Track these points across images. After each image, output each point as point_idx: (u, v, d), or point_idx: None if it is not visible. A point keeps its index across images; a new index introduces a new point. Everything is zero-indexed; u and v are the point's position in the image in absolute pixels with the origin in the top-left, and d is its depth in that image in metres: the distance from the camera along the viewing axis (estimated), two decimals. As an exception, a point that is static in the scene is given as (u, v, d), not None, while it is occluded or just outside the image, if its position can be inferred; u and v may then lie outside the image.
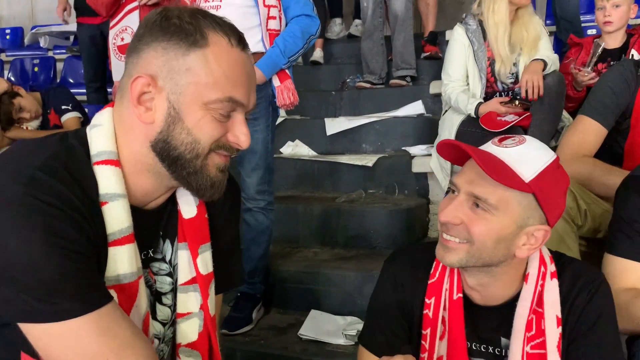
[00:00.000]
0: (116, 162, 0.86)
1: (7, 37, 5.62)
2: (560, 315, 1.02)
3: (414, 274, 1.13)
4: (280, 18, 2.12)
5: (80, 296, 0.77)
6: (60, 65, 5.01)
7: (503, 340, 1.07)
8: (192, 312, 1.00)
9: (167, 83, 0.84)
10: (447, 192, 1.05)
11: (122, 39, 2.84)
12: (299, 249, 2.64)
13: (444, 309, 1.08)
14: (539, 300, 1.03)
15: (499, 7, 2.47)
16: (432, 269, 1.11)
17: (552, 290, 1.03)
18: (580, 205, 1.46)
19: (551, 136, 2.40)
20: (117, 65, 2.89)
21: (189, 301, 0.99)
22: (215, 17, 0.87)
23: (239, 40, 0.88)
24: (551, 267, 1.05)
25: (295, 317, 2.26)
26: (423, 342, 1.09)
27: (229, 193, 0.97)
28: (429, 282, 1.10)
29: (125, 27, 2.83)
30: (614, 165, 1.57)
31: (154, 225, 0.97)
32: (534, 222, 0.99)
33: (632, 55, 2.55)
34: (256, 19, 2.07)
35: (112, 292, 0.85)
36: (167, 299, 1.00)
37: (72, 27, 4.60)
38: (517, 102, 2.43)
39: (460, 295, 1.06)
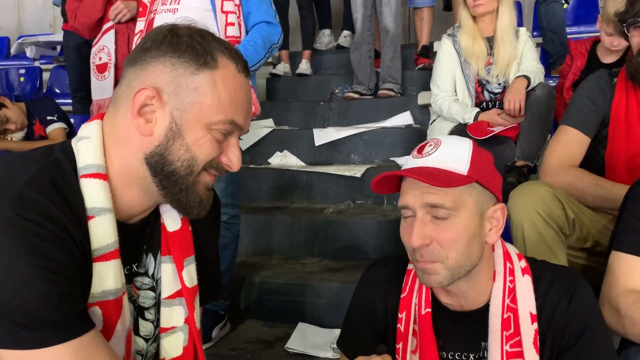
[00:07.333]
0: (104, 176, 0.85)
1: (-6, 47, 5.59)
2: (534, 312, 1.03)
3: (388, 287, 1.15)
4: (239, 25, 2.06)
5: (62, 323, 0.75)
6: (46, 76, 4.98)
7: (483, 344, 1.07)
8: (177, 327, 0.98)
9: (172, 98, 0.85)
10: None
11: (100, 59, 2.71)
12: (287, 261, 2.61)
13: (415, 322, 1.09)
14: (513, 298, 1.04)
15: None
16: (403, 284, 1.13)
17: (525, 287, 1.05)
18: (569, 214, 1.45)
19: (540, 147, 2.41)
20: (95, 84, 2.78)
21: (174, 315, 0.98)
22: (224, 42, 0.89)
23: (244, 67, 0.90)
24: (521, 264, 1.07)
25: (283, 330, 2.22)
26: (397, 356, 1.10)
27: (211, 206, 0.96)
28: (401, 296, 1.12)
29: (102, 46, 2.70)
30: (596, 174, 1.57)
31: (137, 240, 0.96)
32: (489, 206, 1.03)
33: None
34: (213, 24, 2.00)
35: (97, 309, 0.84)
36: (149, 314, 0.98)
37: (59, 36, 4.59)
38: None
39: (429, 310, 1.08)
